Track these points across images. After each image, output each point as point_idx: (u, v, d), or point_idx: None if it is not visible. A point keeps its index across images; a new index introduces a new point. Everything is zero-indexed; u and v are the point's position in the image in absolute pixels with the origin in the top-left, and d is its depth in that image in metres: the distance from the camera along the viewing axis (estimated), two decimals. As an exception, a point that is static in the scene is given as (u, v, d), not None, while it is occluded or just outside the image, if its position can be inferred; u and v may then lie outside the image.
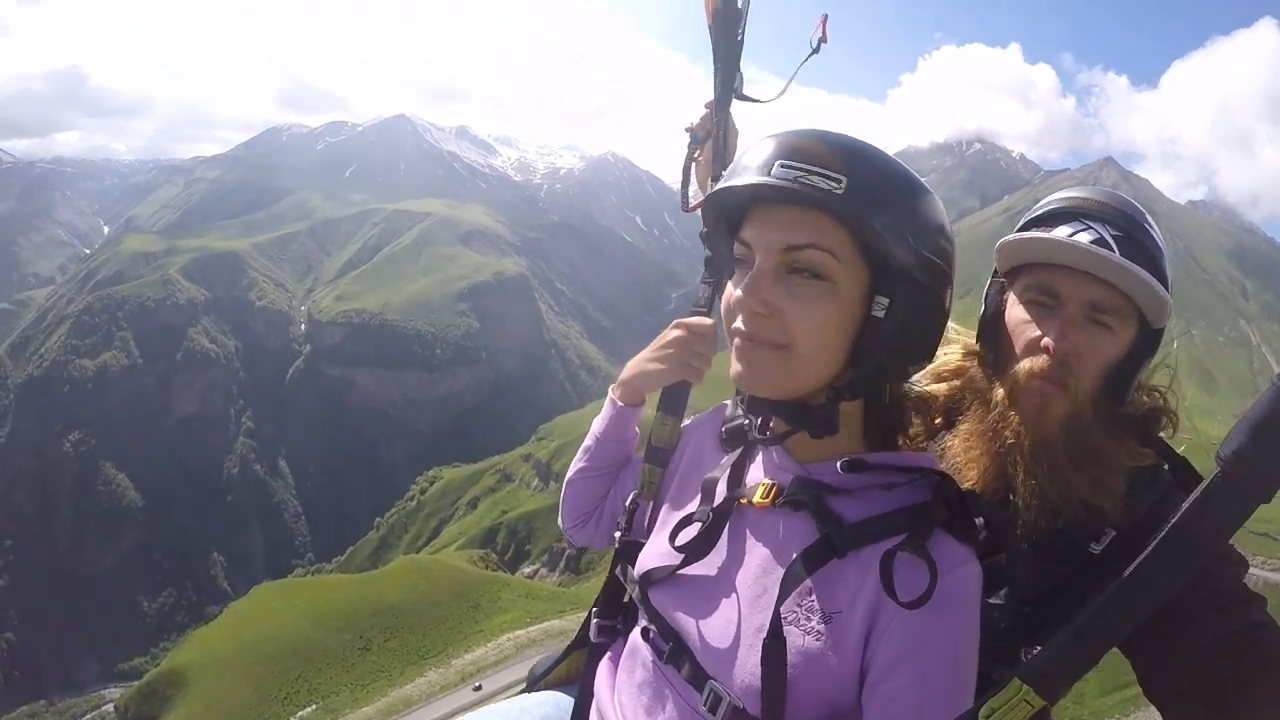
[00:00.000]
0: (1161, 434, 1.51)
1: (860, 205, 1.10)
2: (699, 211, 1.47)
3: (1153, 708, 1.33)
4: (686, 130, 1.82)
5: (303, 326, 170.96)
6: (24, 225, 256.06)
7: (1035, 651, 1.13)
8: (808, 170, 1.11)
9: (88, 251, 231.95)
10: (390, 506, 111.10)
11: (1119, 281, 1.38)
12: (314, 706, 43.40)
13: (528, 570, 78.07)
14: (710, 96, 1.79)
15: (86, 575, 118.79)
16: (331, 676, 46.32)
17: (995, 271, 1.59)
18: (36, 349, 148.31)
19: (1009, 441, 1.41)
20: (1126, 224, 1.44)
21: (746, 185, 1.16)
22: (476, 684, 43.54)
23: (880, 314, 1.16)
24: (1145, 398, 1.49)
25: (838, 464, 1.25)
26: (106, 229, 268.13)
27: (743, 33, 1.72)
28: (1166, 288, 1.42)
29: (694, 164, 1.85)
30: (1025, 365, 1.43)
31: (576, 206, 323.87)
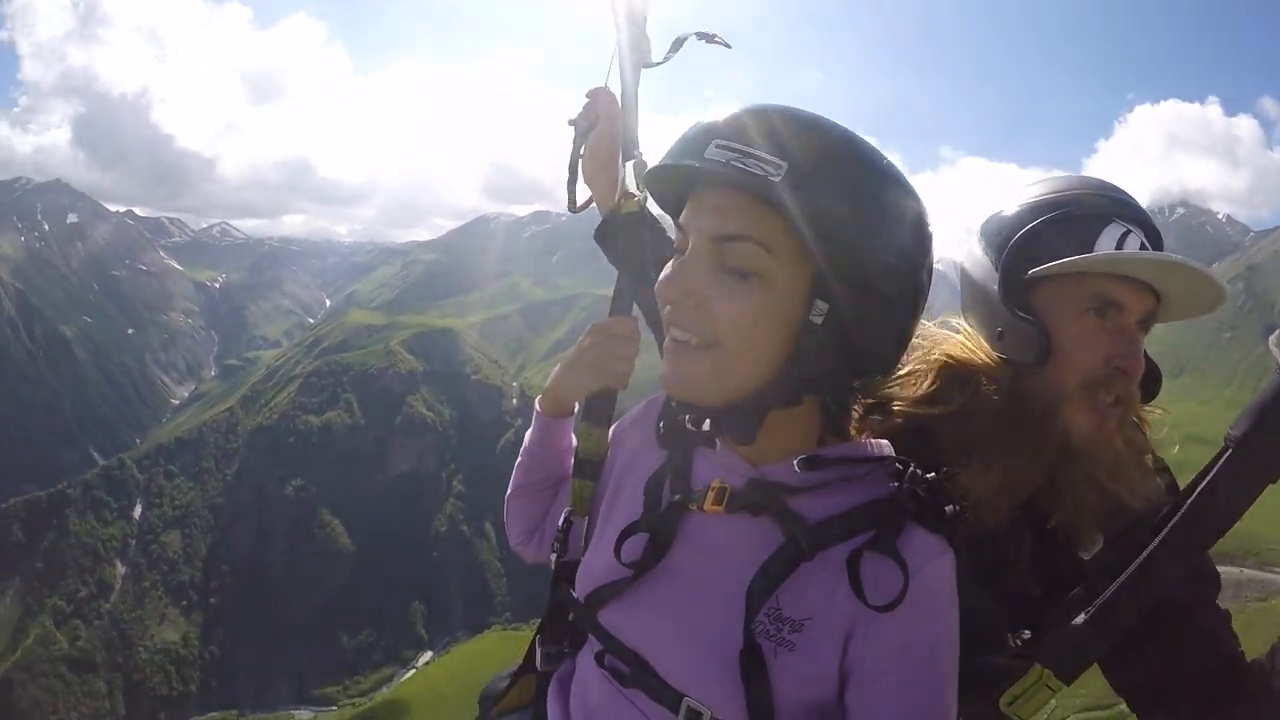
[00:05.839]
0: None
1: (799, 195, 0.96)
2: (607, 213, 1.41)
3: None
4: (570, 124, 1.63)
5: (514, 401, 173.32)
6: (253, 294, 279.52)
7: (1031, 636, 1.17)
8: (745, 152, 0.98)
9: (311, 321, 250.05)
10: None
11: (1172, 288, 1.30)
12: (525, 753, 42.95)
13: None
14: (592, 85, 1.61)
15: (293, 607, 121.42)
16: (544, 727, 46.23)
17: (1006, 274, 1.36)
18: (267, 402, 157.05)
19: (1079, 479, 1.31)
20: (1144, 216, 1.35)
21: (676, 165, 1.06)
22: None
23: (818, 320, 1.02)
24: None
25: (794, 463, 1.10)
26: (328, 302, 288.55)
27: None
28: None
29: (580, 160, 1.64)
30: (1101, 395, 1.30)
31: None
